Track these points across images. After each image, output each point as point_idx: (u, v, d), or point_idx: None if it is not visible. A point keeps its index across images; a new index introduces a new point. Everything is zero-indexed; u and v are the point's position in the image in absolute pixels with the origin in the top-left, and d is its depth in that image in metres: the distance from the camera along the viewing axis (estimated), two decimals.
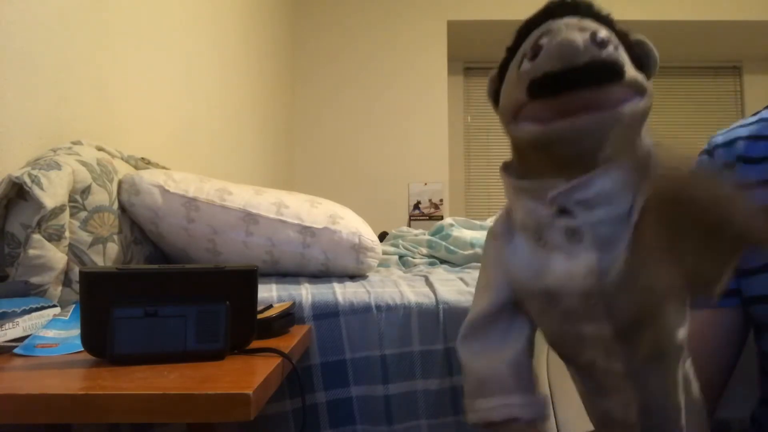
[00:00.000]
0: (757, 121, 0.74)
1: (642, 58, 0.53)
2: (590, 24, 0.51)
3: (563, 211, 0.52)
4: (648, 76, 0.53)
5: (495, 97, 0.59)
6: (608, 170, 0.50)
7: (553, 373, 0.96)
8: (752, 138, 0.72)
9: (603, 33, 0.49)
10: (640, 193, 0.50)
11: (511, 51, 0.56)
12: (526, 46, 0.53)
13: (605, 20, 0.53)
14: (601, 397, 0.60)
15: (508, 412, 0.58)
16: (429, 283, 1.10)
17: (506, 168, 0.60)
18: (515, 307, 0.61)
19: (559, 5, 0.54)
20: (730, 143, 0.73)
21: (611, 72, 0.48)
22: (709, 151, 0.75)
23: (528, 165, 0.56)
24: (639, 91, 0.50)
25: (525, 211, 0.56)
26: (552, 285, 0.54)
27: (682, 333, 0.56)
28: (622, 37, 0.53)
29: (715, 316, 0.71)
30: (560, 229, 0.53)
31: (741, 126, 0.75)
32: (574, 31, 0.49)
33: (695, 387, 0.60)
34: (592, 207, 0.51)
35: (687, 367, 0.59)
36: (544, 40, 0.51)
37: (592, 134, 0.49)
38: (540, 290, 0.55)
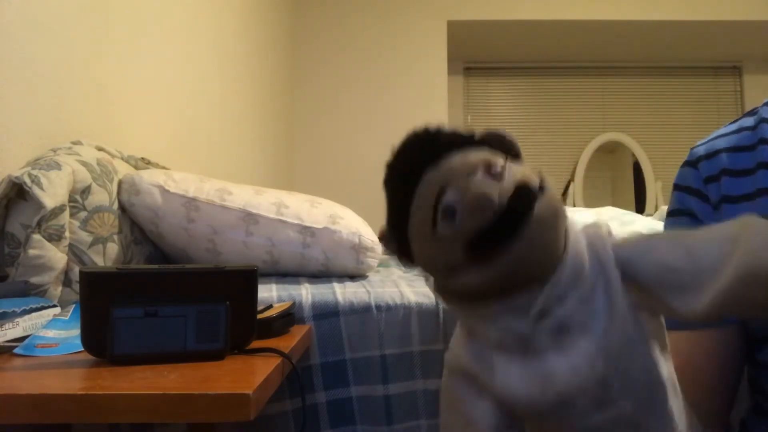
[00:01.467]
0: (736, 131, 0.72)
1: (502, 146, 0.55)
2: (469, 158, 0.51)
3: (542, 315, 0.51)
4: (517, 156, 0.55)
5: (399, 249, 0.57)
6: (564, 260, 0.50)
7: None
8: (735, 149, 0.70)
9: (493, 165, 0.50)
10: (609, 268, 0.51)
11: (394, 207, 0.56)
12: (425, 202, 0.52)
13: (463, 138, 0.54)
14: None
15: None
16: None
17: (447, 298, 0.57)
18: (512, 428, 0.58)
19: (418, 146, 0.54)
20: (711, 155, 0.72)
21: (530, 197, 0.49)
22: (693, 163, 0.73)
23: (478, 296, 0.54)
24: (540, 184, 0.51)
25: (499, 332, 0.53)
26: (563, 390, 0.52)
27: (671, 367, 0.56)
28: (479, 141, 0.54)
29: (712, 336, 0.70)
30: (546, 333, 0.52)
31: (721, 136, 0.73)
32: (471, 177, 0.49)
33: (688, 409, 0.59)
34: (563, 299, 0.51)
35: (680, 395, 0.59)
36: (449, 199, 0.50)
37: (536, 249, 0.49)
38: (551, 401, 0.53)
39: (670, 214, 0.75)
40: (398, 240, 0.56)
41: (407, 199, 0.54)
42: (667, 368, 0.55)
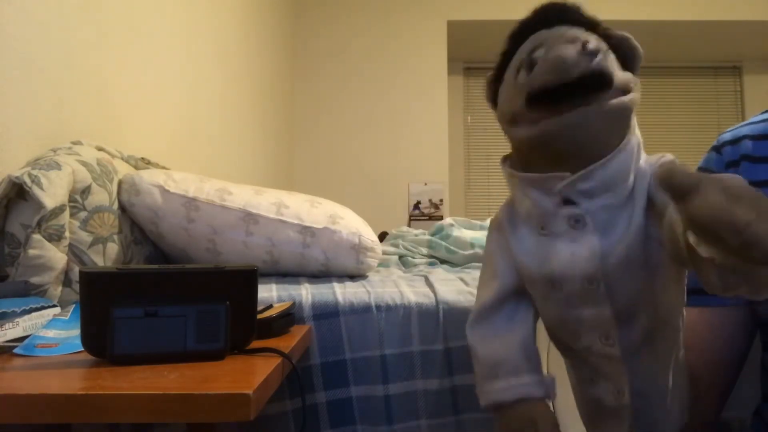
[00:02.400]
0: (765, 120, 0.73)
1: (627, 54, 0.58)
2: (579, 33, 0.55)
3: (567, 201, 0.56)
4: (633, 70, 0.58)
5: (493, 98, 0.64)
6: (606, 162, 0.54)
7: (552, 368, 0.96)
8: (759, 137, 0.71)
9: (592, 43, 0.54)
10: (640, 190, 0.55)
11: (506, 55, 0.61)
12: (521, 55, 0.57)
13: (592, 23, 0.58)
14: (594, 385, 0.63)
15: (520, 391, 0.61)
16: (429, 283, 1.10)
17: (507, 161, 0.63)
18: (520, 293, 0.64)
19: (550, 8, 0.58)
20: (736, 141, 0.73)
21: (601, 82, 0.52)
22: (718, 148, 0.75)
23: (528, 161, 0.59)
24: (626, 90, 0.55)
25: (530, 201, 0.59)
26: (556, 270, 0.58)
27: (677, 319, 0.60)
28: (608, 36, 0.57)
29: (723, 314, 0.71)
30: (564, 218, 0.57)
31: (749, 124, 0.75)
32: (565, 44, 0.53)
33: (684, 374, 0.63)
34: (593, 196, 0.55)
35: (680, 357, 0.62)
36: (538, 53, 0.55)
37: (581, 127, 0.53)
38: (544, 276, 0.59)
39: None
40: (495, 85, 0.63)
41: (514, 49, 0.59)
42: (667, 313, 0.58)
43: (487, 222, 2.01)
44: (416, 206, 3.42)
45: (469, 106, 4.02)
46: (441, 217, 3.39)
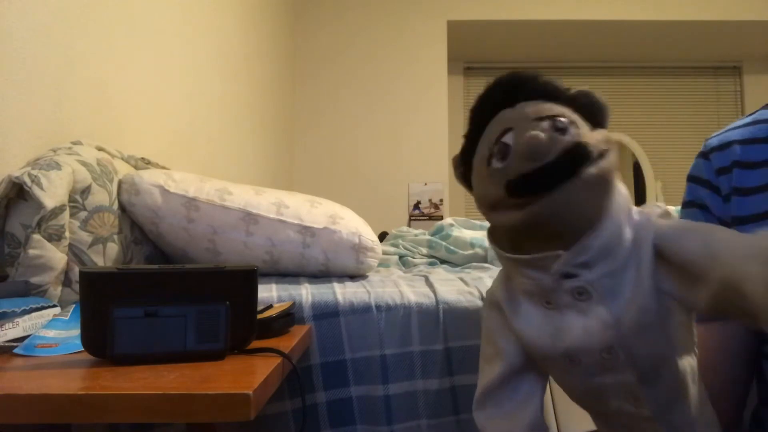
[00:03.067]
0: (752, 123, 0.71)
1: (593, 110, 0.56)
2: (544, 108, 0.54)
3: (566, 275, 0.54)
4: (603, 124, 0.56)
5: (464, 179, 0.63)
6: (597, 231, 0.53)
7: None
8: (748, 141, 0.70)
9: (561, 118, 0.52)
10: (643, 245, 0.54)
11: (470, 135, 0.60)
12: (489, 141, 0.55)
13: (554, 92, 0.56)
14: None
15: None
16: (429, 283, 1.10)
17: (495, 238, 0.61)
18: (525, 371, 0.63)
19: (507, 83, 0.57)
20: (725, 146, 0.71)
21: (582, 158, 0.50)
22: (705, 154, 0.73)
23: (517, 240, 0.58)
24: (602, 153, 0.52)
25: (527, 281, 0.57)
26: (571, 345, 0.56)
27: (694, 360, 0.59)
28: (571, 99, 0.56)
29: (729, 328, 0.70)
30: (567, 291, 0.55)
31: (735, 128, 0.73)
32: (534, 124, 0.52)
33: (706, 401, 0.62)
34: (591, 266, 0.54)
35: (704, 393, 0.61)
36: (508, 138, 0.53)
37: (567, 205, 0.51)
38: (560, 353, 0.57)
39: (684, 205, 0.76)
40: (465, 167, 0.62)
41: (480, 132, 0.58)
42: (686, 360, 0.57)
43: (488, 222, 2.01)
44: (416, 206, 3.43)
45: (469, 106, 4.02)
46: (441, 217, 3.39)
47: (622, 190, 0.56)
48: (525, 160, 0.51)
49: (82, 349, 0.66)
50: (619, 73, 3.99)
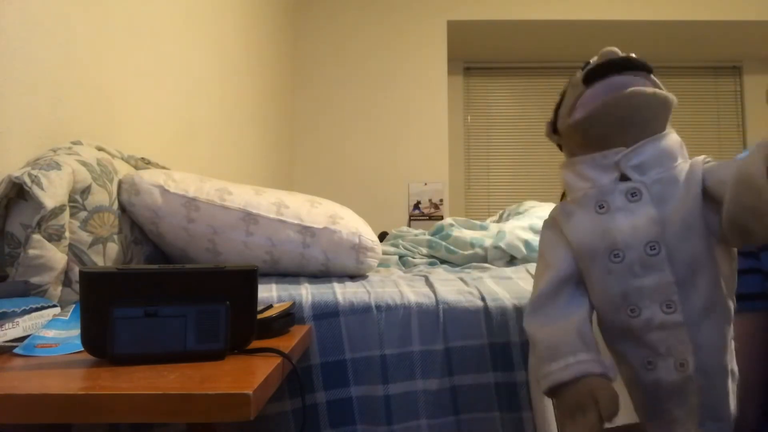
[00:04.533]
0: None
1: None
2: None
3: (622, 178, 0.65)
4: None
5: (553, 129, 0.75)
6: (654, 139, 0.64)
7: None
8: None
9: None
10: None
11: (569, 93, 0.72)
12: (578, 79, 0.70)
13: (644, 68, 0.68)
14: (653, 369, 0.65)
15: (581, 368, 0.64)
16: (429, 283, 1.10)
17: (573, 151, 0.73)
18: (574, 281, 0.69)
19: (614, 62, 0.67)
20: None
21: (642, 64, 0.65)
22: None
23: (582, 148, 0.69)
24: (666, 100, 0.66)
25: (588, 183, 0.67)
26: (619, 239, 0.64)
27: (731, 295, 0.64)
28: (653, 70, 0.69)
29: (760, 317, 0.72)
30: (621, 192, 0.64)
31: None
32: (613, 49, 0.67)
33: (735, 366, 0.66)
34: (645, 170, 0.64)
35: (732, 345, 0.66)
36: (593, 60, 0.69)
37: (637, 105, 0.62)
38: (606, 247, 0.65)
39: None
40: (555, 122, 0.73)
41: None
42: (723, 276, 0.63)
43: (487, 222, 2.01)
44: (416, 206, 3.42)
45: (469, 106, 4.02)
46: (441, 217, 3.39)
47: (677, 138, 0.68)
48: (601, 58, 0.66)
49: (82, 349, 0.66)
50: None
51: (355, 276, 1.20)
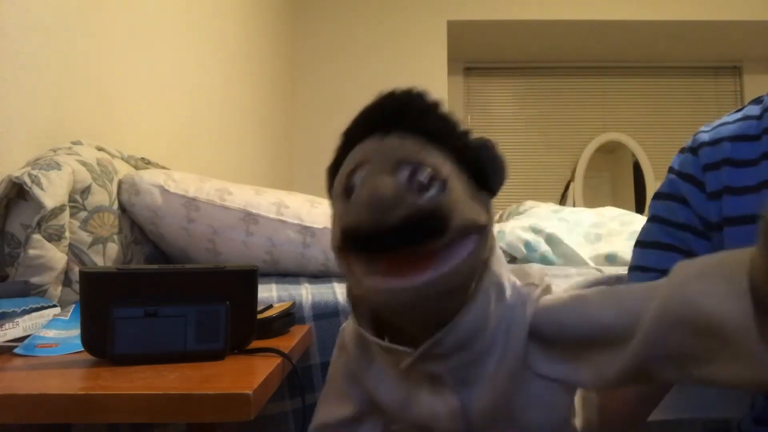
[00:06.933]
0: (742, 119, 0.70)
1: (488, 167, 0.46)
2: (413, 152, 0.43)
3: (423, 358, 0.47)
4: (494, 187, 0.46)
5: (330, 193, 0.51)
6: (456, 324, 0.44)
7: None
8: (738, 138, 0.68)
9: (425, 171, 0.42)
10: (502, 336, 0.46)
11: (339, 149, 0.49)
12: (344, 169, 0.45)
13: (444, 128, 0.45)
14: None
15: None
16: None
17: (354, 304, 0.53)
18: (373, 415, 0.56)
19: (388, 105, 0.47)
20: (715, 143, 0.69)
21: (431, 227, 0.40)
22: (694, 149, 0.71)
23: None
24: (473, 231, 0.43)
25: (382, 355, 0.50)
26: (420, 420, 0.50)
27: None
28: (464, 147, 0.45)
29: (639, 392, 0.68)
30: (422, 373, 0.48)
31: (725, 124, 0.71)
32: (386, 172, 0.41)
33: None
34: (447, 357, 0.46)
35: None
36: (356, 178, 0.43)
37: (426, 299, 0.42)
38: (411, 421, 0.51)
39: (658, 196, 0.73)
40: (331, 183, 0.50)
41: (344, 156, 0.47)
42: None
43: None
44: None
45: (469, 106, 4.02)
46: None
47: (494, 270, 0.47)
48: (362, 215, 0.40)
49: (82, 349, 0.66)
50: (619, 73, 3.99)
51: None
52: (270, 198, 1.17)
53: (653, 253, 0.71)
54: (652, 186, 3.80)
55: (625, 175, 3.92)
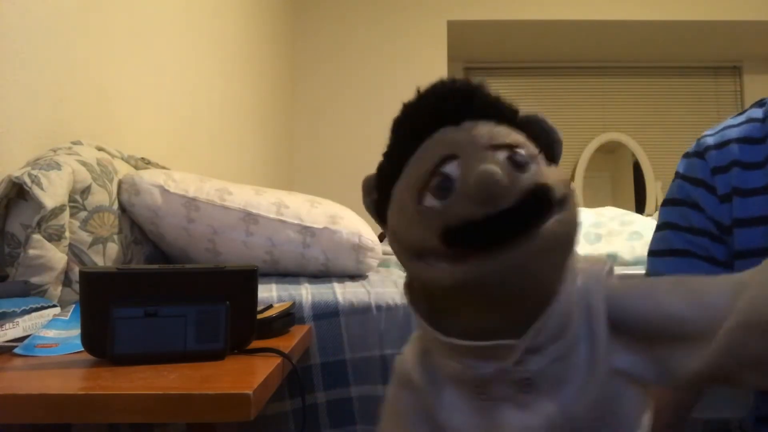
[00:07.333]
0: (746, 122, 0.70)
1: (545, 137, 0.44)
2: (503, 135, 0.41)
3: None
4: (555, 159, 0.45)
5: (377, 210, 0.47)
6: (553, 309, 0.41)
7: None
8: (745, 141, 0.69)
9: (522, 150, 0.41)
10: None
11: (393, 157, 0.46)
12: (424, 167, 0.41)
13: (503, 108, 0.44)
14: None
15: None
16: None
17: (414, 296, 0.47)
18: None
19: (451, 94, 0.44)
20: (722, 145, 0.70)
21: (543, 205, 0.38)
22: (700, 153, 0.72)
23: (443, 305, 0.44)
24: (563, 199, 0.41)
25: (459, 366, 0.44)
26: None
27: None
28: (525, 124, 0.44)
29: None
30: (511, 383, 0.43)
31: (731, 126, 0.71)
32: (488, 155, 0.39)
33: None
34: (540, 350, 0.42)
35: None
36: (451, 169, 0.40)
37: (524, 269, 0.39)
38: None
39: (669, 202, 0.73)
40: (381, 193, 0.46)
41: (408, 152, 0.44)
42: None
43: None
44: None
45: None
46: None
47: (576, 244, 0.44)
48: (474, 203, 0.38)
49: (82, 349, 0.66)
50: (619, 73, 3.99)
51: (355, 276, 1.20)
52: (270, 198, 1.17)
53: (671, 261, 0.70)
54: (652, 186, 3.80)
55: (625, 175, 3.92)
